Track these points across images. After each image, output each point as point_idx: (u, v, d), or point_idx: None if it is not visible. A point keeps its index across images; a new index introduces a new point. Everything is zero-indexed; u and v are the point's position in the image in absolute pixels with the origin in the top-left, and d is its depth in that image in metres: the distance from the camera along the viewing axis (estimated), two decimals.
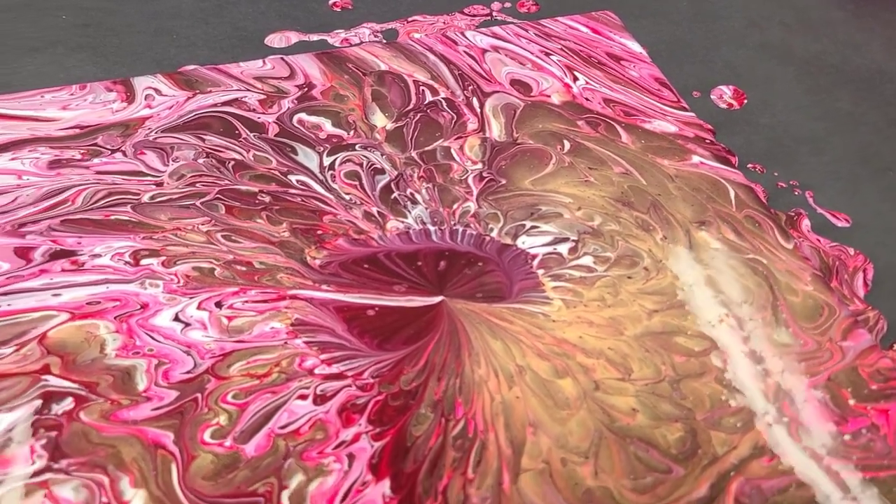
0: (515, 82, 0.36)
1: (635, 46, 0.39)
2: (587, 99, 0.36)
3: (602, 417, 0.25)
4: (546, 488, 0.23)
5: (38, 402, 0.24)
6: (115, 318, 0.27)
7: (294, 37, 0.41)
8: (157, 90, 0.35)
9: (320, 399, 0.25)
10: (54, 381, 0.25)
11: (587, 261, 0.29)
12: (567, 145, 0.34)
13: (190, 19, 0.42)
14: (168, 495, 0.23)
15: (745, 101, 0.39)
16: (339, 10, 0.44)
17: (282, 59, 0.37)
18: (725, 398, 0.25)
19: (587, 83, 0.37)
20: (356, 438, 0.24)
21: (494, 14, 0.44)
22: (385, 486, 0.23)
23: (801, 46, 0.43)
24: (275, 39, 0.41)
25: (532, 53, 0.38)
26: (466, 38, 0.39)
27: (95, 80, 0.37)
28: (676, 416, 0.25)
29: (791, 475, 0.24)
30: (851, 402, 0.26)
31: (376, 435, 0.24)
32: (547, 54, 0.38)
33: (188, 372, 0.26)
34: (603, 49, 0.39)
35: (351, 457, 0.24)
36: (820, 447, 0.24)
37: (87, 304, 0.27)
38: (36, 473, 0.23)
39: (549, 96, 0.36)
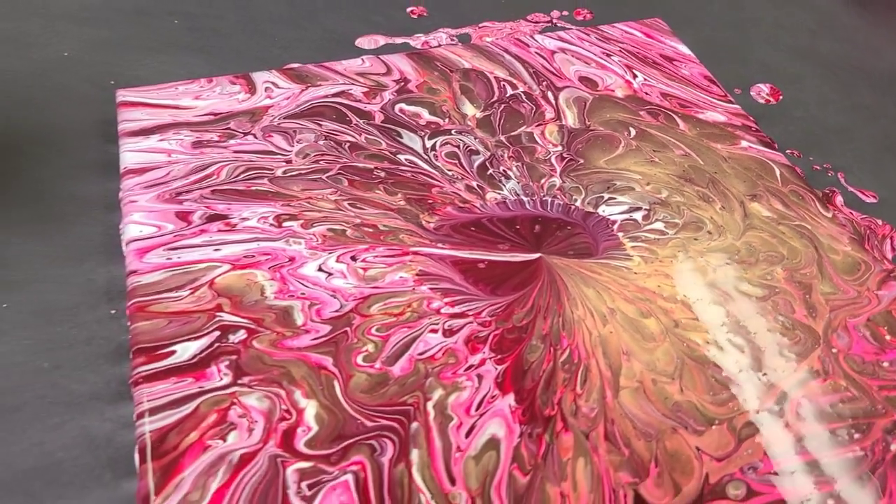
0: (583, 79, 0.42)
1: (684, 49, 0.44)
2: (646, 93, 0.41)
3: (683, 348, 0.30)
4: (642, 401, 0.28)
5: (217, 334, 0.30)
6: (269, 268, 0.32)
7: (381, 39, 0.47)
8: (274, 83, 0.40)
9: (448, 332, 0.30)
10: (227, 317, 0.30)
11: (659, 226, 0.35)
12: (633, 132, 0.39)
13: (286, 24, 0.48)
14: (335, 405, 0.28)
15: (781, 97, 0.45)
16: (416, 17, 0.49)
17: (378, 57, 0.43)
18: (783, 334, 0.31)
19: (645, 80, 0.42)
20: (482, 363, 0.29)
21: (554, 21, 0.49)
22: (510, 398, 0.28)
23: (827, 50, 0.48)
24: (364, 42, 0.47)
25: (595, 54, 0.43)
26: (536, 41, 0.44)
27: (212, 76, 0.42)
28: (744, 347, 0.30)
29: (841, 392, 0.29)
30: (888, 337, 0.31)
31: (498, 360, 0.29)
32: (608, 55, 0.43)
33: (336, 311, 0.31)
34: (656, 51, 0.44)
35: (479, 377, 0.29)
36: (863, 371, 0.30)
37: (243, 256, 0.32)
38: (225, 387, 0.28)
39: (613, 91, 0.41)
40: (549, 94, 0.41)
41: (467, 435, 0.27)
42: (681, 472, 0.27)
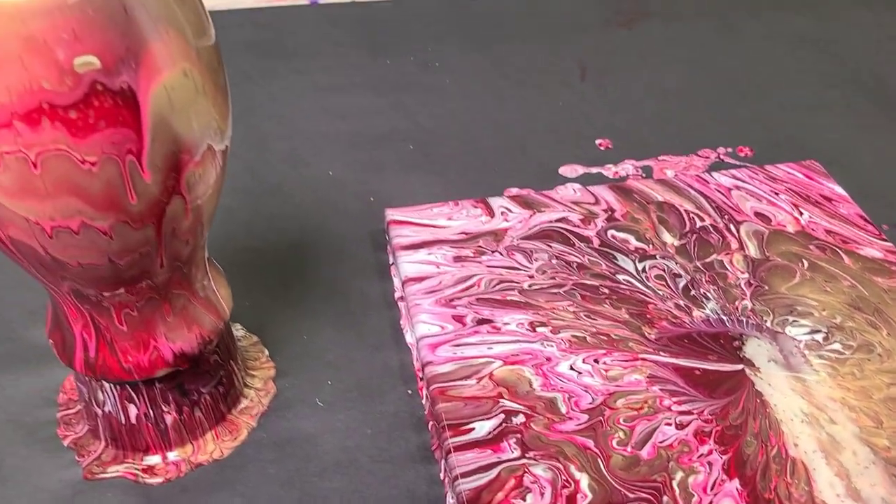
0: (758, 214, 0.51)
1: (839, 189, 0.53)
2: (813, 229, 0.50)
3: (867, 450, 0.38)
4: (839, 491, 0.36)
5: (502, 416, 0.39)
6: (532, 365, 0.41)
7: (580, 169, 0.57)
8: (507, 208, 0.50)
9: (680, 426, 0.39)
10: (508, 404, 0.39)
11: (837, 346, 0.43)
12: (806, 264, 0.47)
13: (501, 153, 0.58)
14: (601, 478, 0.36)
15: None
16: (603, 149, 0.59)
17: (586, 188, 0.52)
18: None
19: (811, 217, 0.50)
20: (710, 452, 0.38)
21: (721, 156, 0.58)
22: (736, 482, 0.36)
23: None
24: (566, 170, 0.57)
25: (765, 192, 0.52)
26: (713, 178, 0.53)
27: (445, 199, 0.52)
28: None
29: None
30: None
31: (722, 451, 0.38)
32: (776, 193, 0.52)
33: (590, 403, 0.39)
34: (816, 191, 0.53)
35: (710, 463, 0.37)
36: None
37: (511, 354, 0.41)
38: (516, 459, 0.37)
39: (784, 226, 0.50)
40: (732, 227, 0.50)
41: None
42: None
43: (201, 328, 0.35)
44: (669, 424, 0.39)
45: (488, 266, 0.46)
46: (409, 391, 0.42)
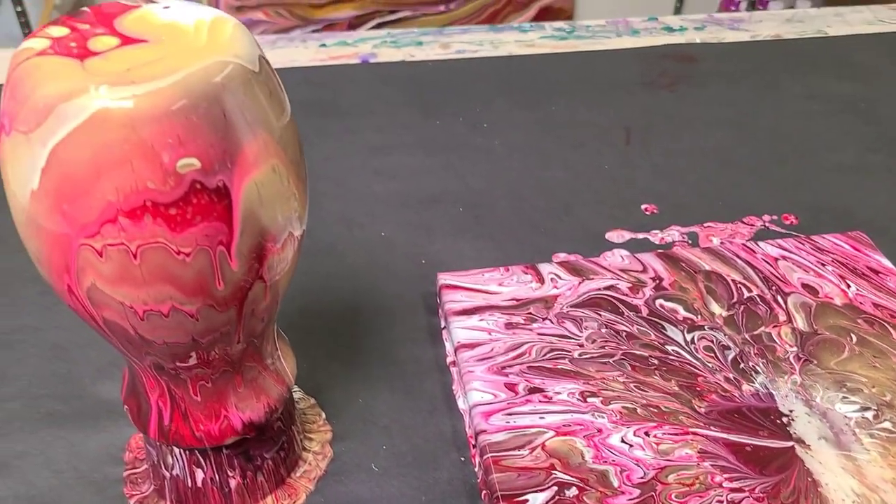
0: (805, 286, 0.51)
1: (887, 262, 0.53)
2: (860, 302, 0.50)
3: None
4: None
5: (555, 488, 0.39)
6: (583, 436, 0.42)
7: (626, 234, 0.58)
8: (557, 275, 0.51)
9: None
10: (560, 475, 0.40)
11: (887, 425, 0.43)
12: (854, 338, 0.48)
13: (547, 214, 0.59)
14: None
15: None
16: (649, 214, 0.60)
17: (634, 256, 0.53)
18: None
19: (858, 290, 0.51)
20: None
21: (766, 224, 0.59)
22: None
23: None
24: (613, 236, 0.58)
25: (812, 263, 0.53)
26: (760, 247, 0.54)
27: (496, 263, 0.54)
28: None
29: None
30: None
31: None
32: (822, 265, 0.53)
33: (642, 477, 0.40)
34: (863, 263, 0.53)
35: None
36: None
37: (562, 425, 0.42)
38: None
39: (832, 299, 0.50)
40: (779, 298, 0.50)
41: None
42: None
43: (269, 398, 0.36)
44: (721, 502, 0.39)
45: (539, 333, 0.47)
46: (462, 458, 0.43)
